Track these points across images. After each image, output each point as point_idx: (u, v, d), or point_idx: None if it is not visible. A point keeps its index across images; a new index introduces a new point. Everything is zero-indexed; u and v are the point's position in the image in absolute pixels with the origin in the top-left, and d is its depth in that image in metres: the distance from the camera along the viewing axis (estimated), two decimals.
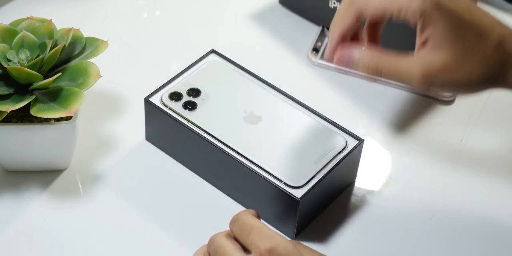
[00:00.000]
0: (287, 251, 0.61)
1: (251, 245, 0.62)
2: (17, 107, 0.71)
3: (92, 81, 0.74)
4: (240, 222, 0.64)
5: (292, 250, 0.62)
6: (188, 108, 0.77)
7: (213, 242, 0.64)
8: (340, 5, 0.69)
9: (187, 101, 0.78)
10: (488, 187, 0.81)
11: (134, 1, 0.99)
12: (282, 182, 0.73)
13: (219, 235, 0.65)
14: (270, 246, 0.61)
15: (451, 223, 0.78)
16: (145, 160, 0.81)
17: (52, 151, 0.77)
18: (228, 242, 0.64)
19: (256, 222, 0.64)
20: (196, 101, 0.78)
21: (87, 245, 0.74)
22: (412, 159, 0.83)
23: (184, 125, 0.76)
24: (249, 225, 0.64)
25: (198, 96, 0.78)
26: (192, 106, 0.77)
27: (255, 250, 0.62)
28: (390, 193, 0.80)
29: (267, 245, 0.61)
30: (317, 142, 0.76)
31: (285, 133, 0.76)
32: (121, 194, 0.78)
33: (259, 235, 0.62)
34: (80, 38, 0.77)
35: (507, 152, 0.84)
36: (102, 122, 0.84)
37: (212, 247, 0.64)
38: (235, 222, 0.64)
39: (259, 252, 0.61)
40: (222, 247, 0.63)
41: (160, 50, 0.93)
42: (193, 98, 0.78)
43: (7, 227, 0.75)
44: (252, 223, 0.64)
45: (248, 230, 0.63)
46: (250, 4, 0.99)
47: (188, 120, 0.76)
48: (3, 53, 0.74)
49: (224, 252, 0.63)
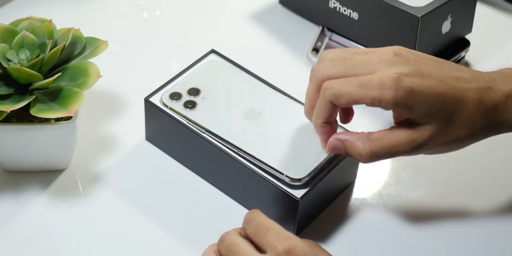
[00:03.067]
0: (304, 253, 0.61)
1: (268, 245, 0.62)
2: (17, 107, 0.71)
3: (92, 81, 0.74)
4: (256, 222, 0.64)
5: (309, 252, 0.62)
6: (188, 106, 0.77)
7: (225, 240, 0.64)
8: (308, 89, 0.71)
9: (187, 101, 0.77)
10: (488, 187, 0.81)
11: (134, 1, 0.99)
12: (283, 175, 0.72)
13: (232, 233, 0.64)
14: (288, 246, 0.61)
15: (451, 223, 0.78)
16: (145, 160, 0.81)
17: (52, 151, 0.77)
18: (242, 240, 0.63)
19: (273, 223, 0.64)
20: (196, 100, 0.78)
21: (87, 245, 0.74)
22: (412, 159, 0.83)
23: (184, 125, 0.76)
24: (266, 225, 0.63)
25: (198, 95, 0.78)
26: (192, 105, 0.77)
27: (272, 250, 0.62)
28: (390, 193, 0.80)
29: (285, 246, 0.61)
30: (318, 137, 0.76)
31: (286, 129, 0.76)
32: (121, 194, 0.78)
33: (276, 235, 0.62)
34: (80, 38, 0.77)
35: (507, 152, 0.84)
36: (102, 122, 0.84)
37: (224, 245, 0.64)
38: (250, 221, 0.64)
39: (277, 253, 0.61)
40: (236, 245, 0.63)
41: (160, 50, 0.93)
42: (193, 97, 0.78)
43: (7, 227, 0.75)
44: (269, 224, 0.64)
45: (265, 230, 0.63)
46: (250, 4, 0.99)
47: (188, 118, 0.76)
48: (3, 53, 0.74)
49: (239, 251, 0.63)
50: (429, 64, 0.68)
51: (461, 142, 0.69)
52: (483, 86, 0.68)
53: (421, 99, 0.66)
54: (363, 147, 0.69)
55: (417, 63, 0.67)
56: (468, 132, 0.68)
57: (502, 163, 0.83)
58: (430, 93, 0.66)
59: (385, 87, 0.65)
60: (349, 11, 0.88)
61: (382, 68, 0.67)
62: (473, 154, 0.83)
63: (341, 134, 0.70)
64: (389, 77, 0.66)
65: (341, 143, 0.70)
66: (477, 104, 0.68)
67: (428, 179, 0.81)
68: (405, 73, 0.66)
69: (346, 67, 0.68)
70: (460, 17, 0.88)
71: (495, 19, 0.99)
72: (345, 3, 0.89)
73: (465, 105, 0.67)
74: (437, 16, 0.85)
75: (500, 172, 0.82)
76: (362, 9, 0.87)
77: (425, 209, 0.79)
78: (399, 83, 0.65)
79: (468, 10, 0.89)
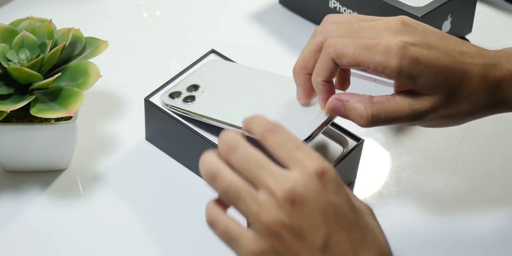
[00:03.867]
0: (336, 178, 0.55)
1: (297, 162, 0.55)
2: (17, 107, 0.71)
3: (92, 81, 0.74)
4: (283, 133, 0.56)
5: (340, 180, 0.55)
6: (187, 101, 0.76)
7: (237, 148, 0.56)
8: (306, 48, 0.69)
9: (186, 96, 0.77)
10: (488, 186, 0.81)
11: (134, 1, 0.99)
12: None
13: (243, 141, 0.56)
14: (323, 168, 0.54)
15: (451, 223, 0.78)
16: (145, 160, 0.81)
17: (52, 151, 0.77)
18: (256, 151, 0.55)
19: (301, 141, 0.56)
20: (195, 94, 0.77)
21: (87, 245, 0.74)
22: (412, 159, 0.83)
23: (184, 125, 0.76)
24: (296, 140, 0.56)
25: (197, 90, 0.78)
26: (191, 99, 0.77)
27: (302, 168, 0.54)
28: (390, 193, 0.80)
29: (319, 166, 0.54)
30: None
31: (284, 103, 0.74)
32: (121, 194, 0.78)
33: (307, 153, 0.55)
34: (80, 38, 0.77)
35: (507, 152, 0.84)
36: (102, 122, 0.84)
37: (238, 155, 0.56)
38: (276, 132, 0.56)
39: (308, 172, 0.54)
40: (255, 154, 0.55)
41: (160, 50, 0.93)
42: (192, 93, 0.77)
43: (7, 227, 0.75)
44: (298, 141, 0.56)
45: (295, 144, 0.55)
46: (250, 4, 0.99)
47: (188, 111, 0.76)
48: (3, 53, 0.74)
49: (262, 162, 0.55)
50: (436, 36, 0.67)
51: (461, 117, 0.68)
52: (488, 63, 0.67)
53: (426, 69, 0.65)
54: (364, 109, 0.67)
55: (424, 34, 0.66)
56: (470, 107, 0.67)
57: (502, 163, 0.83)
58: (435, 64, 0.65)
59: (391, 54, 0.64)
60: (349, 11, 0.88)
61: (388, 35, 0.66)
62: (473, 154, 0.83)
63: (342, 94, 0.68)
64: (396, 45, 0.64)
65: (341, 103, 0.68)
66: (481, 80, 0.67)
67: (428, 179, 0.81)
68: (411, 42, 0.65)
69: (352, 31, 0.67)
70: (460, 17, 0.88)
71: (495, 19, 0.99)
72: (345, 3, 0.89)
73: (469, 80, 0.66)
74: (437, 16, 0.85)
75: (500, 172, 0.82)
76: (362, 9, 0.87)
77: (425, 209, 0.79)
78: (405, 52, 0.64)
79: (468, 10, 0.89)
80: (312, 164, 0.54)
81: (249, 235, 0.55)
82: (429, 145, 0.84)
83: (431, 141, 0.85)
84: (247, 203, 0.55)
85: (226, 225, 0.56)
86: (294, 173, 0.54)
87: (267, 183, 0.54)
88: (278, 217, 0.54)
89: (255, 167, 0.55)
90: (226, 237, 0.56)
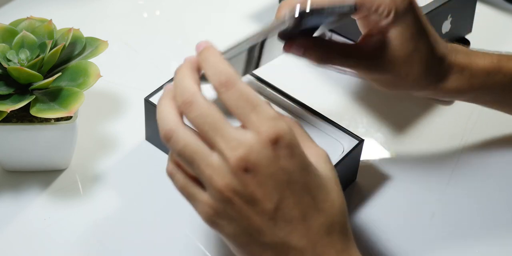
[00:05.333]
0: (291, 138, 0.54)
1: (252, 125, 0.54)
2: (17, 107, 0.71)
3: (92, 81, 0.74)
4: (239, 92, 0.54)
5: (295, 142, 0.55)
6: None
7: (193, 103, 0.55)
8: None
9: None
10: (488, 186, 0.81)
11: (134, 1, 0.99)
12: None
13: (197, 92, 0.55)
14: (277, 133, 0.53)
15: (451, 223, 0.78)
16: (145, 160, 0.81)
17: (52, 151, 0.77)
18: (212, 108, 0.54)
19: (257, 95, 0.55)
20: None
21: (87, 245, 0.74)
22: (412, 159, 0.83)
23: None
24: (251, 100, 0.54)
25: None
26: None
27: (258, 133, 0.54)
28: (390, 193, 0.80)
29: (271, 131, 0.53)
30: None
31: None
32: (121, 194, 0.78)
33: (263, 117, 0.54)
34: (80, 38, 0.77)
35: (507, 151, 0.84)
36: (102, 122, 0.84)
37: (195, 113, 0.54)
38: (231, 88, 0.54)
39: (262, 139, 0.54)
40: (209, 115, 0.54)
41: (160, 50, 0.93)
42: None
43: (7, 227, 0.75)
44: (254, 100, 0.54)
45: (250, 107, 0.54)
46: (250, 4, 0.99)
47: None
48: (3, 53, 0.74)
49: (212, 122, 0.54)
50: None
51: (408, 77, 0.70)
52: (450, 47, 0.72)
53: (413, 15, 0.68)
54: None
55: None
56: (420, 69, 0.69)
57: (503, 164, 0.83)
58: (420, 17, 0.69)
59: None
60: None
61: None
62: (473, 154, 0.83)
63: None
64: None
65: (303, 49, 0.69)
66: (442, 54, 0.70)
67: (428, 179, 0.81)
68: None
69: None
70: (460, 17, 0.88)
71: (495, 19, 1.00)
72: None
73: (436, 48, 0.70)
74: (437, 16, 0.85)
75: (500, 172, 0.82)
76: None
77: (425, 209, 0.79)
78: None
79: (468, 10, 0.89)
80: (267, 128, 0.54)
81: (204, 197, 0.57)
82: (429, 145, 0.84)
83: (431, 141, 0.85)
84: (201, 166, 0.55)
85: (185, 183, 0.58)
86: (248, 137, 0.54)
87: (221, 147, 0.54)
88: (231, 184, 0.55)
89: (210, 128, 0.55)
90: (185, 192, 0.59)
